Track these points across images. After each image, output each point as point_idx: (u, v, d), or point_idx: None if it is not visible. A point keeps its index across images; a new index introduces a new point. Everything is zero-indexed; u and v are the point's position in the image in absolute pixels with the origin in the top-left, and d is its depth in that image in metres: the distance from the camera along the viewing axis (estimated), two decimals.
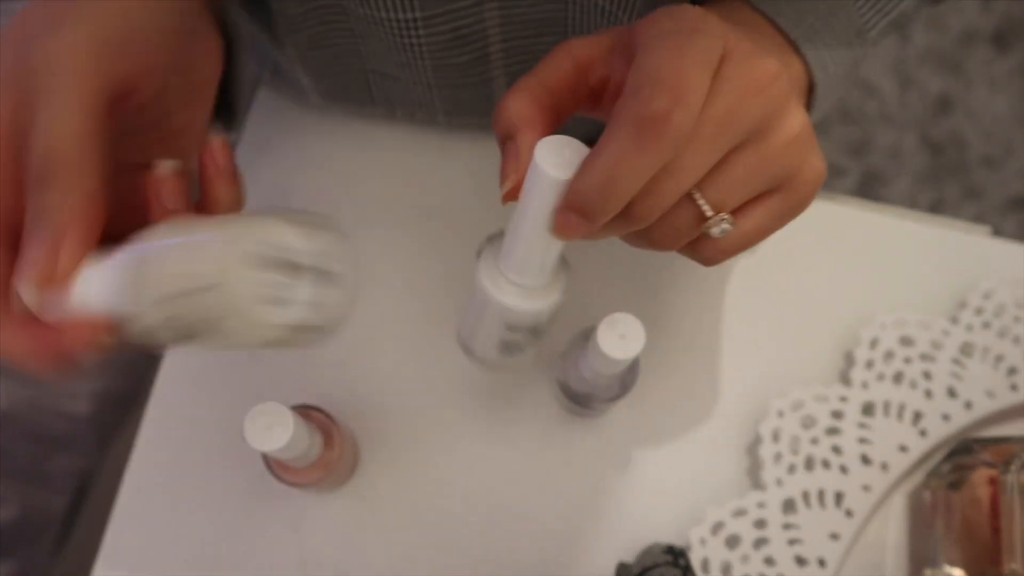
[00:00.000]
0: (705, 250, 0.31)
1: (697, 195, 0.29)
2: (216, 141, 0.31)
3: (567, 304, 0.39)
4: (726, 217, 0.30)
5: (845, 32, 0.36)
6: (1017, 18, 1.31)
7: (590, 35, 0.31)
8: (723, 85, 0.27)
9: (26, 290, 0.26)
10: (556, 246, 0.30)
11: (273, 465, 0.43)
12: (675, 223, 0.30)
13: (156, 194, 0.30)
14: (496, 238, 0.32)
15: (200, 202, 0.31)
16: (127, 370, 0.70)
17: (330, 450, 0.43)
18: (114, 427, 0.70)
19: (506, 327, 0.34)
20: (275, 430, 0.37)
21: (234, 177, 0.31)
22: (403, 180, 0.53)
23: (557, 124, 0.31)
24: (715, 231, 0.30)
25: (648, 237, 0.31)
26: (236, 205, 0.32)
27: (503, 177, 0.30)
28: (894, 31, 0.41)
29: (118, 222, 0.29)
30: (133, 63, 0.29)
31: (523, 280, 0.31)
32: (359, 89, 0.49)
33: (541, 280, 0.32)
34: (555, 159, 0.28)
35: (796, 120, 0.29)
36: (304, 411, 0.44)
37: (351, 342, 0.50)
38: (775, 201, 0.31)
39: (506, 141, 0.30)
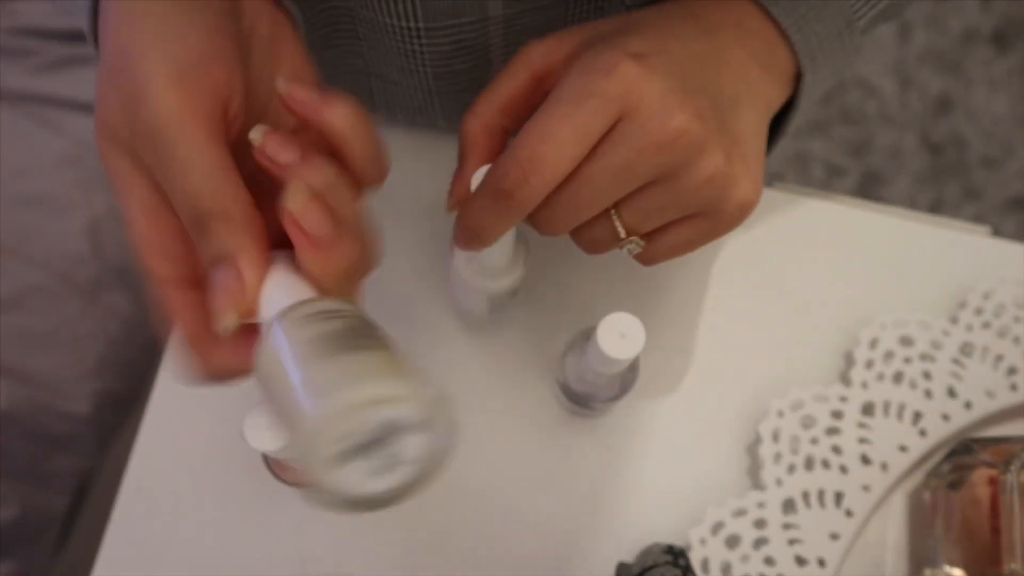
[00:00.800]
0: (638, 257, 0.35)
1: (615, 217, 0.32)
2: (282, 85, 0.30)
3: (567, 304, 0.40)
4: (635, 240, 0.33)
5: (835, 22, 0.36)
6: (1017, 18, 1.31)
7: (552, 37, 0.34)
8: (621, 142, 0.30)
9: (225, 318, 0.27)
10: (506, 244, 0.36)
11: (273, 465, 0.43)
12: (593, 237, 0.34)
13: (269, 161, 0.29)
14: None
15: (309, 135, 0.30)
16: (127, 370, 0.70)
17: None
18: (114, 427, 0.70)
19: (488, 298, 0.42)
20: (275, 430, 0.37)
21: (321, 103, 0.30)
22: (403, 181, 0.53)
23: (504, 141, 0.36)
24: (631, 247, 0.34)
25: (576, 242, 0.35)
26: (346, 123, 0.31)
27: (448, 195, 0.35)
28: (884, 22, 0.41)
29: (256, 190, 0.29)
30: (218, 73, 0.28)
31: (490, 270, 0.39)
32: (361, 93, 0.49)
33: (503, 265, 0.39)
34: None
35: (709, 164, 0.31)
36: None
37: None
38: (697, 223, 0.33)
39: (459, 160, 0.35)
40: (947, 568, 0.44)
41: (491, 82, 0.35)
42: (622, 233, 0.33)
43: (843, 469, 0.46)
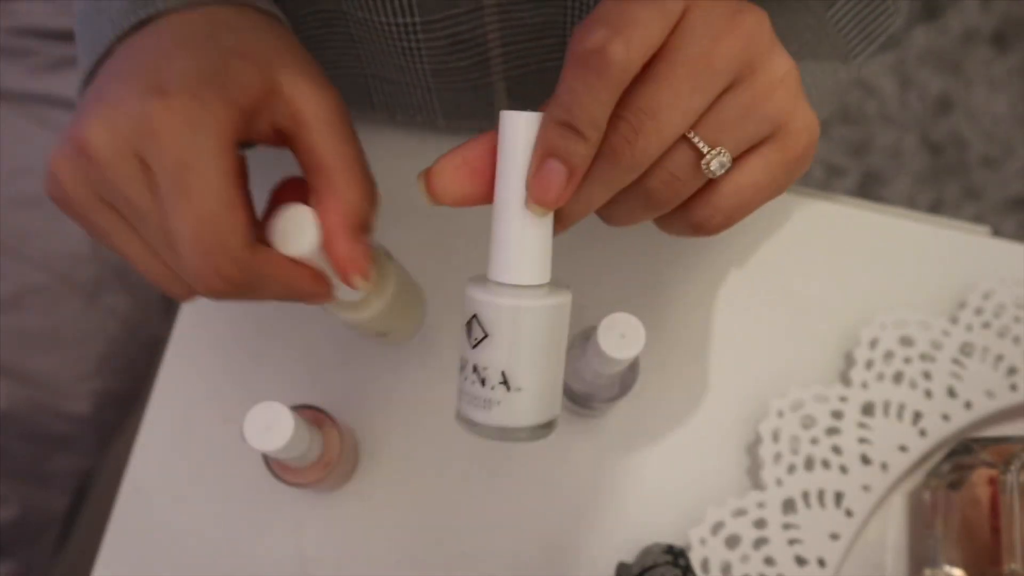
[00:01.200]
0: (702, 209, 0.30)
1: (692, 134, 0.28)
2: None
3: None
4: (723, 150, 0.29)
5: (828, 56, 0.36)
6: (1017, 18, 1.31)
7: None
8: (693, 28, 0.27)
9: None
10: (547, 227, 0.29)
11: (273, 465, 0.43)
12: (671, 168, 0.29)
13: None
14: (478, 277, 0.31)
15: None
16: (127, 370, 0.70)
17: (330, 450, 0.43)
18: (114, 427, 0.70)
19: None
20: (275, 430, 0.37)
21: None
22: (404, 182, 0.53)
23: None
24: (714, 165, 0.29)
25: (647, 192, 0.29)
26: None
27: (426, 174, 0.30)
28: (883, 52, 0.41)
29: None
30: (230, 94, 0.30)
31: (520, 277, 0.29)
32: (359, 93, 0.49)
33: (541, 273, 0.30)
34: (516, 114, 0.28)
35: (782, 61, 0.29)
36: (304, 411, 0.44)
37: (351, 342, 0.50)
38: (770, 151, 0.30)
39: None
40: (947, 568, 0.44)
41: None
42: (704, 148, 0.28)
43: (843, 469, 0.46)
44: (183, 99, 0.29)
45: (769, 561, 0.45)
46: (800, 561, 0.45)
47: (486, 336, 0.29)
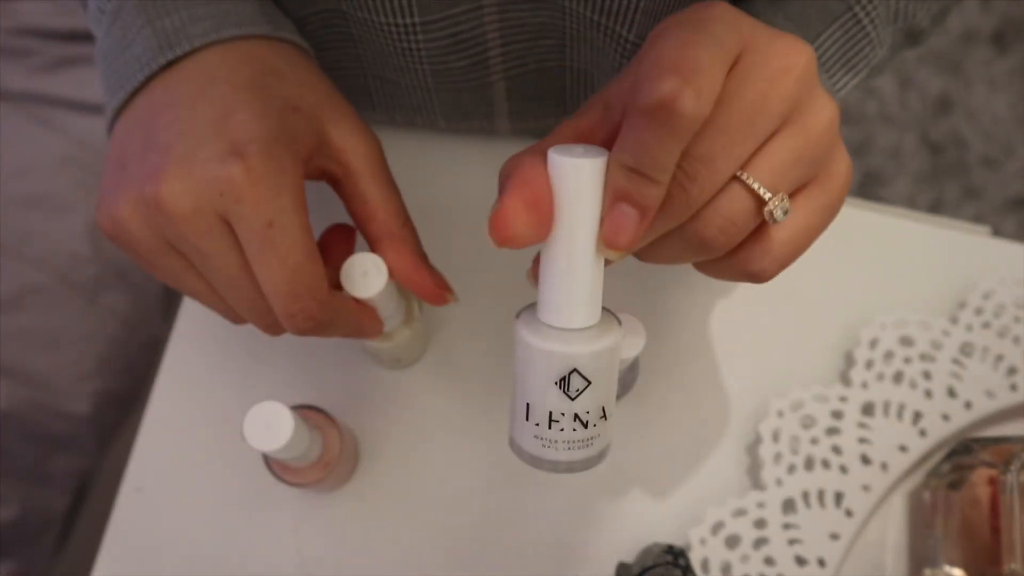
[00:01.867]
0: (761, 260, 0.30)
1: (749, 179, 0.28)
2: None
3: None
4: (784, 196, 0.28)
5: None
6: (1017, 18, 1.31)
7: (580, 109, 0.31)
8: (749, 72, 0.27)
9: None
10: (600, 267, 0.29)
11: (273, 465, 0.43)
12: (728, 214, 0.28)
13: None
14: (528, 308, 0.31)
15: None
16: (127, 370, 0.70)
17: (330, 450, 0.43)
18: (114, 427, 0.71)
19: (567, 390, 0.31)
20: (275, 430, 0.37)
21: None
22: (404, 183, 0.53)
23: None
24: (778, 213, 0.28)
25: (700, 238, 0.29)
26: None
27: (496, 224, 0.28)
28: (865, 83, 0.41)
29: None
30: (295, 149, 0.33)
31: (594, 317, 0.30)
32: (359, 94, 0.49)
33: (591, 315, 0.30)
34: (571, 152, 0.27)
35: (827, 102, 0.29)
36: (304, 411, 0.44)
37: (351, 342, 0.50)
38: (817, 193, 0.30)
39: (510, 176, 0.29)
40: (947, 568, 0.44)
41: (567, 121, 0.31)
42: (766, 193, 0.28)
43: (843, 469, 0.46)
44: (261, 160, 0.31)
45: (769, 561, 0.45)
46: (800, 561, 0.45)
47: (588, 384, 0.29)
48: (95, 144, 0.70)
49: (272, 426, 0.37)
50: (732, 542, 0.46)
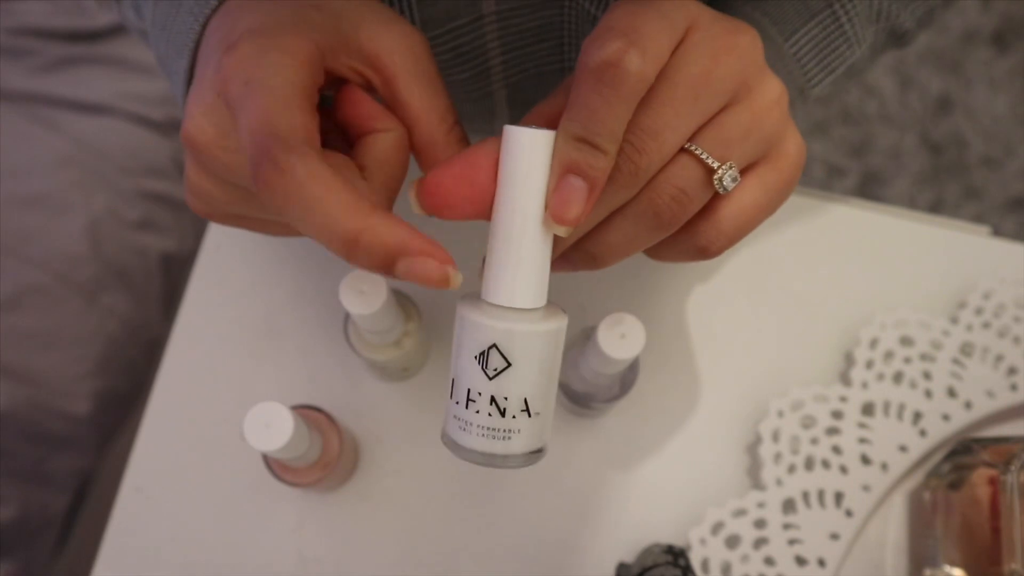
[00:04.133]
0: (707, 232, 0.30)
1: (697, 150, 0.28)
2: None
3: (567, 304, 0.39)
4: (733, 165, 0.29)
5: (788, 89, 0.37)
6: (1017, 18, 1.31)
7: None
8: (694, 48, 0.27)
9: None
10: (547, 247, 0.28)
11: (273, 465, 0.43)
12: (679, 183, 0.28)
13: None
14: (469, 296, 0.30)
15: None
16: (127, 370, 0.70)
17: (330, 450, 0.43)
18: (114, 427, 0.71)
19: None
20: (275, 430, 0.37)
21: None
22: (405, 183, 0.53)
23: None
24: (727, 181, 0.29)
25: (655, 211, 0.28)
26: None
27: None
28: (845, 82, 0.41)
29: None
30: (301, 31, 0.29)
31: (538, 300, 0.28)
32: None
33: (532, 297, 0.28)
34: (525, 131, 0.27)
35: (775, 83, 0.29)
36: (304, 411, 0.44)
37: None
38: (766, 171, 0.30)
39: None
40: (947, 568, 0.44)
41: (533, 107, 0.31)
42: (713, 163, 0.28)
43: (843, 469, 0.46)
44: (247, 40, 0.28)
45: (769, 561, 0.45)
46: (800, 561, 0.45)
47: (508, 366, 0.28)
48: (95, 144, 0.70)
49: (272, 426, 0.37)
50: (732, 542, 0.46)
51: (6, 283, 0.64)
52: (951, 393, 0.48)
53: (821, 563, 0.45)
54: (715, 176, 0.28)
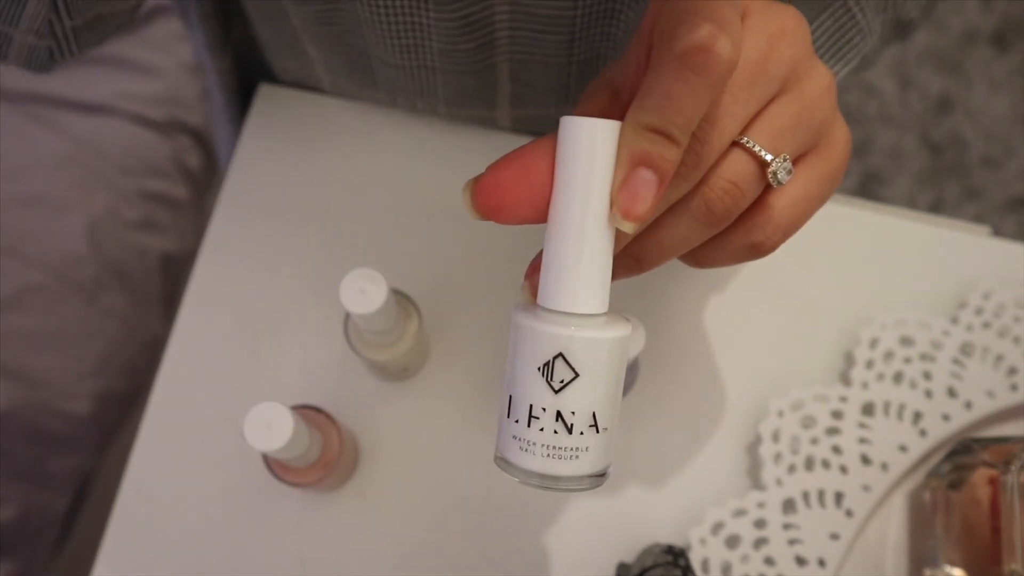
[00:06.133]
0: (763, 228, 0.29)
1: (750, 143, 0.27)
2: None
3: None
4: (786, 157, 0.28)
5: None
6: (1017, 18, 1.31)
7: (622, 55, 0.30)
8: (752, 33, 0.27)
9: None
10: (609, 246, 0.26)
11: (273, 465, 0.43)
12: (731, 176, 0.27)
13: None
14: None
15: None
16: (127, 370, 0.70)
17: (330, 450, 0.43)
18: (114, 427, 0.71)
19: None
20: (275, 430, 0.37)
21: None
22: (405, 179, 0.53)
23: None
24: (781, 175, 0.28)
25: (707, 205, 0.27)
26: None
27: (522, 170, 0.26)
28: (856, 74, 0.41)
29: None
30: None
31: (603, 304, 0.26)
32: (363, 71, 0.49)
33: (596, 302, 0.26)
34: (586, 120, 0.25)
35: (824, 71, 0.29)
36: (304, 411, 0.44)
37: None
38: (817, 162, 0.30)
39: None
40: (947, 568, 0.44)
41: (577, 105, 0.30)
42: (767, 155, 0.27)
43: (843, 469, 0.46)
44: None
45: (769, 561, 0.45)
46: (800, 561, 0.45)
47: (576, 376, 0.26)
48: (95, 144, 0.70)
49: (272, 426, 0.37)
50: (732, 542, 0.46)
51: (6, 283, 0.64)
52: (951, 393, 0.48)
53: (821, 563, 0.45)
54: (769, 170, 0.28)
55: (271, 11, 0.47)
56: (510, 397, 0.27)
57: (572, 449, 0.26)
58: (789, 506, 0.46)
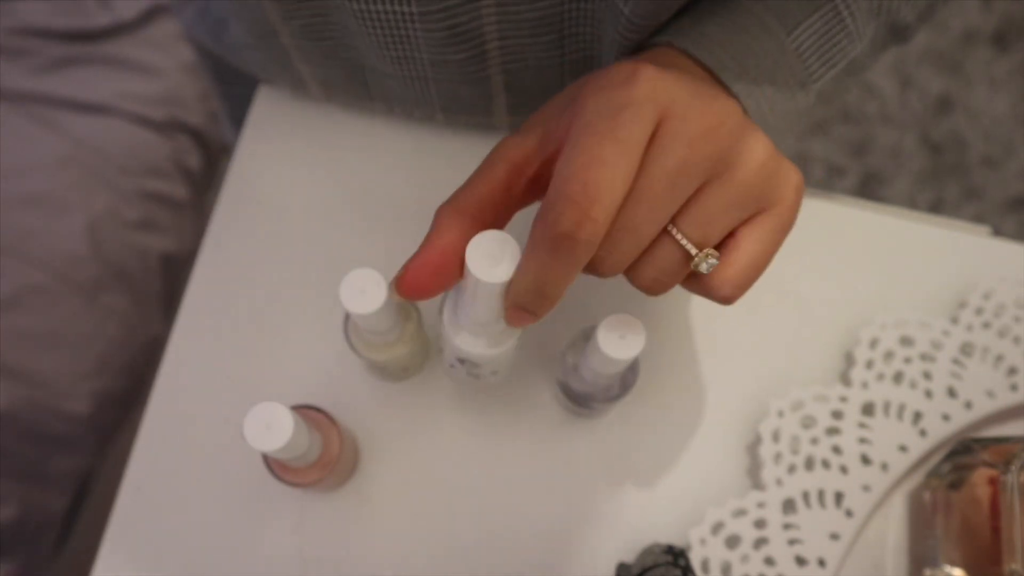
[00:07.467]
0: (720, 288, 0.32)
1: (678, 235, 0.30)
2: None
3: (567, 304, 0.40)
4: (711, 252, 0.31)
5: (786, 82, 0.37)
6: (1017, 18, 1.31)
7: (520, 129, 0.33)
8: (669, 140, 0.28)
9: None
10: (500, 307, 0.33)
11: (273, 465, 0.43)
12: (660, 265, 0.31)
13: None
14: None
15: None
16: (127, 370, 0.70)
17: (330, 450, 0.43)
18: (114, 427, 0.71)
19: (467, 364, 0.39)
20: (275, 430, 0.37)
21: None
22: (403, 180, 0.53)
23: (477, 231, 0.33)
24: (703, 267, 0.31)
25: (637, 284, 0.32)
26: None
27: (399, 277, 0.32)
28: (848, 78, 0.41)
29: None
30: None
31: (479, 330, 0.35)
32: (356, 84, 0.49)
33: (495, 329, 0.35)
34: (486, 261, 0.30)
35: (758, 147, 0.30)
36: (304, 411, 0.44)
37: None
38: (763, 220, 0.31)
39: (424, 242, 0.32)
40: (947, 568, 0.44)
41: (467, 179, 0.33)
42: (692, 249, 0.30)
43: (843, 469, 0.46)
44: None
45: (769, 561, 0.45)
46: (800, 561, 0.45)
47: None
48: (95, 144, 0.70)
49: (272, 426, 0.37)
50: (732, 542, 0.46)
51: (6, 283, 0.64)
52: (951, 393, 0.48)
53: (821, 563, 0.45)
54: (692, 263, 0.31)
55: (260, 33, 0.47)
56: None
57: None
58: (789, 506, 0.46)
